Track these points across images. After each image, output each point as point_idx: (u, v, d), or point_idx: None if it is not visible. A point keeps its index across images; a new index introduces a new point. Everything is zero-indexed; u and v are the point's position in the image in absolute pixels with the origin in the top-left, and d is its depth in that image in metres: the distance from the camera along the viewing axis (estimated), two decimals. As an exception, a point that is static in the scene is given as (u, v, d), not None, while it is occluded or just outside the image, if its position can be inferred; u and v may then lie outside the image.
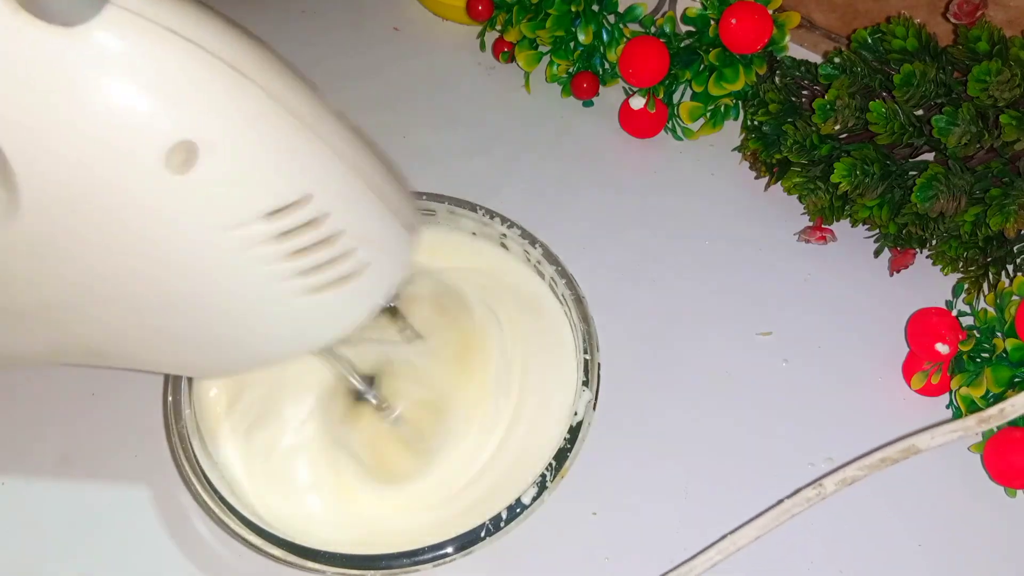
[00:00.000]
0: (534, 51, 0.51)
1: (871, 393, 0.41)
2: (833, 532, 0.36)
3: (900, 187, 0.42)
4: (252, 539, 0.31)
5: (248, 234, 0.23)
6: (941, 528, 0.37)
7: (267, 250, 0.23)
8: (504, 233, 0.39)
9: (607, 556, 0.36)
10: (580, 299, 0.37)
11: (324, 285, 0.25)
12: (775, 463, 0.38)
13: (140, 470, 0.38)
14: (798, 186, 0.43)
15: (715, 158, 0.50)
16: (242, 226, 0.22)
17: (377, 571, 0.31)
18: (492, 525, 0.32)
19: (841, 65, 0.43)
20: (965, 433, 0.32)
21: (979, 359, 0.38)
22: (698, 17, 0.47)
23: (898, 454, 0.32)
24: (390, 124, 0.52)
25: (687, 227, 0.47)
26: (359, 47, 0.56)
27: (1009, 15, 0.46)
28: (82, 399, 0.40)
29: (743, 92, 0.47)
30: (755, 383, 0.41)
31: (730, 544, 0.33)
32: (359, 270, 0.25)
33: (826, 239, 0.45)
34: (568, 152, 0.50)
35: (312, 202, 0.23)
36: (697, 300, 0.44)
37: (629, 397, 0.40)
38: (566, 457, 0.33)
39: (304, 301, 0.25)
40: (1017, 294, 0.37)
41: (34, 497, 0.37)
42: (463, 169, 0.49)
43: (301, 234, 0.23)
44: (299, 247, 0.24)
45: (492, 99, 0.53)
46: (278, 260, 0.23)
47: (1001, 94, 0.38)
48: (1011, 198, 0.38)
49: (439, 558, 0.31)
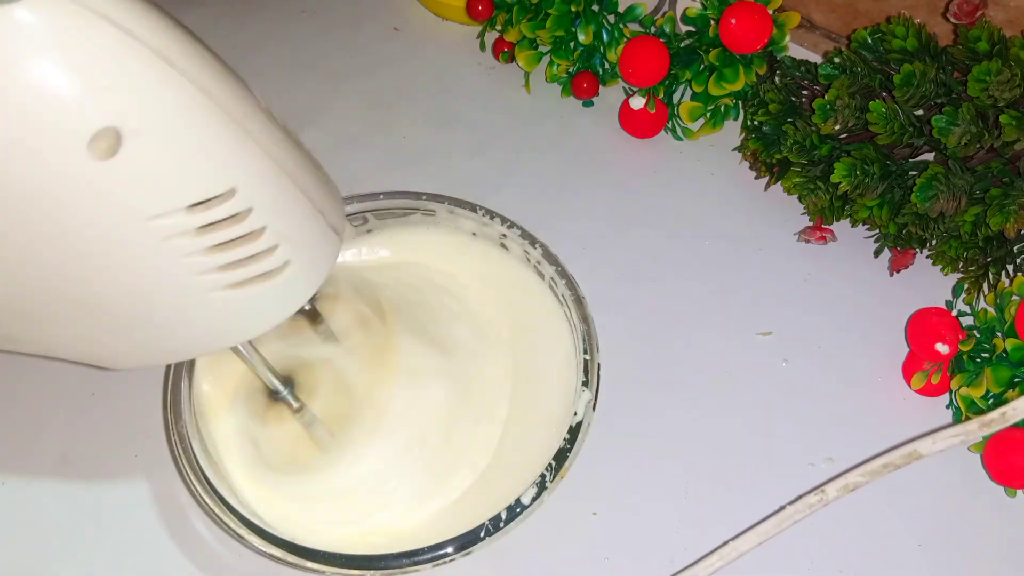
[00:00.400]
0: (534, 51, 0.51)
1: (871, 393, 0.41)
2: (833, 532, 0.36)
3: (900, 187, 0.42)
4: (252, 539, 0.31)
5: (169, 225, 0.23)
6: (941, 528, 0.37)
7: (188, 242, 0.23)
8: (504, 233, 0.39)
9: (607, 556, 0.36)
10: (580, 299, 0.37)
11: (244, 281, 0.25)
12: (775, 463, 0.38)
13: (140, 470, 0.38)
14: (798, 186, 0.43)
15: (715, 158, 0.50)
16: (164, 216, 0.22)
17: (377, 571, 0.31)
18: (492, 525, 0.32)
19: (841, 65, 0.43)
20: (967, 438, 0.32)
21: (979, 359, 0.38)
22: (698, 17, 0.47)
23: (900, 459, 0.32)
24: (390, 124, 0.52)
25: (687, 227, 0.47)
26: (359, 47, 0.56)
27: (1009, 15, 0.46)
28: (82, 399, 0.40)
29: (743, 92, 0.47)
30: (755, 383, 0.41)
31: (732, 550, 0.33)
32: (280, 267, 0.25)
33: (826, 239, 0.45)
34: (568, 152, 0.50)
35: (236, 196, 0.23)
36: (697, 300, 0.44)
37: (629, 397, 0.40)
38: (566, 457, 0.33)
39: (223, 295, 0.25)
40: (1017, 294, 0.37)
41: (34, 497, 0.37)
42: (463, 169, 0.49)
43: (223, 228, 0.23)
44: (220, 241, 0.24)
45: (492, 99, 0.53)
46: (198, 253, 0.23)
47: (1001, 94, 0.38)
48: (1011, 198, 0.38)
49: (439, 558, 0.31)
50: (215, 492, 0.32)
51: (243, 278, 0.25)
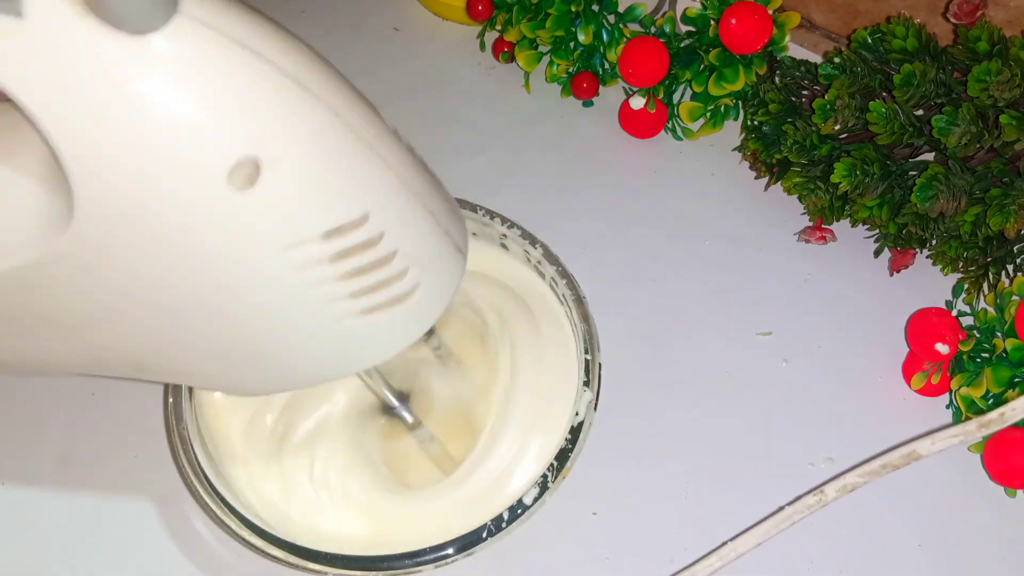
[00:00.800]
0: (534, 51, 0.51)
1: (871, 393, 0.41)
2: (833, 532, 0.36)
3: (900, 187, 0.42)
4: (253, 540, 0.31)
5: (305, 253, 0.22)
6: (941, 528, 0.37)
7: (323, 270, 0.23)
8: (504, 233, 0.39)
9: (607, 556, 0.36)
10: (580, 299, 0.37)
11: (376, 306, 0.24)
12: (775, 463, 0.38)
13: (140, 470, 0.38)
14: (798, 186, 0.43)
15: (715, 158, 0.50)
16: (300, 245, 0.22)
17: (379, 572, 0.31)
18: (494, 525, 0.32)
19: (841, 65, 0.43)
20: (966, 438, 0.32)
21: (979, 359, 0.38)
22: (698, 17, 0.47)
23: (899, 460, 0.32)
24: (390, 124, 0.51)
25: (687, 227, 0.47)
26: (359, 47, 0.56)
27: (1009, 15, 0.46)
28: (82, 399, 0.40)
29: (743, 92, 0.47)
30: (755, 383, 0.41)
31: (730, 551, 0.33)
32: (411, 291, 0.25)
33: (826, 239, 0.45)
34: (568, 152, 0.50)
35: (369, 221, 0.23)
36: (697, 300, 0.44)
37: (629, 397, 0.40)
38: (567, 457, 0.33)
39: (355, 322, 0.24)
40: (1017, 294, 0.37)
41: (34, 497, 0.37)
42: (463, 169, 0.49)
43: (356, 254, 0.23)
44: (354, 267, 0.23)
45: (492, 99, 0.53)
46: (332, 281, 0.23)
47: (1001, 94, 0.38)
48: (1011, 198, 0.38)
49: (441, 559, 0.31)
50: (215, 492, 0.32)
51: (375, 303, 0.24)
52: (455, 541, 0.31)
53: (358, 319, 0.24)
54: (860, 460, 0.34)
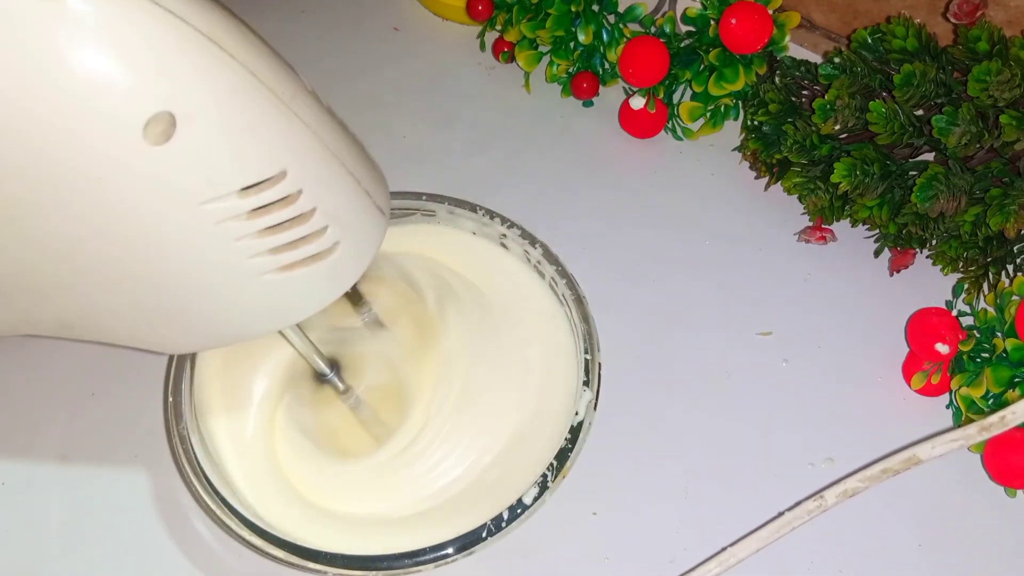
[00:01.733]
0: (534, 51, 0.51)
1: (871, 393, 0.41)
2: (833, 532, 0.36)
3: (900, 187, 0.42)
4: (253, 540, 0.31)
5: (222, 208, 0.23)
6: (941, 528, 0.37)
7: (240, 225, 0.23)
8: (504, 233, 0.39)
9: (607, 556, 0.36)
10: (580, 299, 0.37)
11: (295, 263, 0.25)
12: (775, 463, 0.38)
13: (140, 470, 0.38)
14: (798, 186, 0.43)
15: (715, 158, 0.50)
16: (217, 200, 0.22)
17: (378, 572, 0.31)
18: (494, 525, 0.32)
19: (841, 65, 0.43)
20: (967, 442, 0.32)
21: (979, 359, 0.38)
22: (698, 17, 0.47)
23: (899, 465, 0.32)
24: (390, 124, 0.52)
25: (687, 227, 0.47)
26: (359, 47, 0.56)
27: (1009, 15, 0.46)
28: (82, 399, 0.40)
29: (743, 92, 0.47)
30: (755, 383, 0.41)
31: (730, 556, 0.33)
32: (331, 248, 0.25)
33: (826, 239, 0.45)
34: (568, 152, 0.50)
35: (287, 178, 0.23)
36: (697, 300, 0.44)
37: (629, 397, 0.40)
38: (567, 457, 0.33)
39: (274, 278, 0.25)
40: (1017, 294, 0.37)
41: (34, 497, 0.37)
42: (463, 169, 0.49)
43: (274, 211, 0.23)
44: (272, 223, 0.24)
45: (492, 99, 0.53)
46: (250, 236, 0.23)
47: (1001, 94, 0.38)
48: (1011, 198, 0.38)
49: (440, 559, 0.31)
50: (216, 492, 0.32)
51: (294, 260, 0.25)
52: (455, 541, 0.31)
53: (278, 275, 0.25)
54: (860, 460, 0.34)
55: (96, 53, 0.20)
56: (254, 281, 0.25)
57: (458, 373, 0.37)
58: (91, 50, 0.20)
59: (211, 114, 0.22)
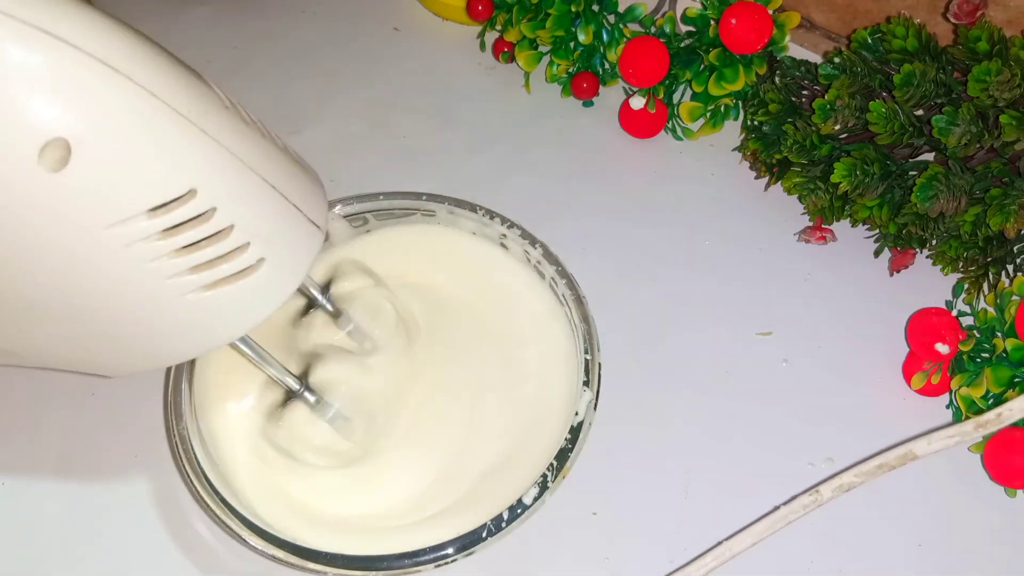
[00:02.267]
0: (534, 51, 0.51)
1: (871, 393, 0.41)
2: (833, 531, 0.36)
3: (900, 187, 0.42)
4: (253, 540, 0.31)
5: (131, 231, 0.22)
6: (941, 528, 0.37)
7: (153, 247, 0.23)
8: (504, 233, 0.39)
9: (607, 556, 0.36)
10: (580, 299, 0.37)
11: (218, 281, 0.25)
12: (775, 463, 0.38)
13: (140, 470, 0.38)
14: (798, 186, 0.43)
15: (715, 158, 0.50)
16: (124, 223, 0.22)
17: (378, 572, 0.31)
18: (493, 525, 0.32)
19: (841, 65, 0.43)
20: (963, 439, 0.32)
21: (979, 359, 0.38)
22: (698, 17, 0.47)
23: (896, 460, 0.32)
24: (390, 124, 0.52)
25: (687, 227, 0.47)
26: (359, 47, 0.56)
27: (1009, 15, 0.46)
28: (82, 399, 0.40)
29: (743, 92, 0.47)
30: (755, 383, 0.41)
31: (726, 550, 0.33)
32: (255, 265, 0.25)
33: (826, 239, 0.45)
34: (568, 152, 0.50)
35: (197, 197, 0.23)
36: (697, 300, 0.44)
37: (629, 397, 0.40)
38: (567, 457, 0.33)
39: (199, 297, 0.24)
40: (1017, 294, 0.37)
41: (34, 497, 0.37)
42: (463, 169, 0.49)
43: (188, 229, 0.23)
44: (188, 243, 0.23)
45: (492, 99, 0.53)
46: (166, 256, 0.23)
47: (1001, 94, 0.38)
48: (1011, 198, 0.38)
49: (440, 559, 0.31)
50: (216, 492, 0.32)
51: (216, 278, 0.24)
52: (455, 541, 0.31)
53: (202, 293, 0.24)
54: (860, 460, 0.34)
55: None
56: (178, 301, 0.24)
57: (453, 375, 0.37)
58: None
59: (107, 137, 0.21)
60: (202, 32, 0.56)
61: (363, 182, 0.43)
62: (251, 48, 0.56)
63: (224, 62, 0.55)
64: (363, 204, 0.40)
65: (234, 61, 0.55)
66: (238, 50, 0.55)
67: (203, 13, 0.58)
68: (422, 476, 0.35)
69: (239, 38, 0.56)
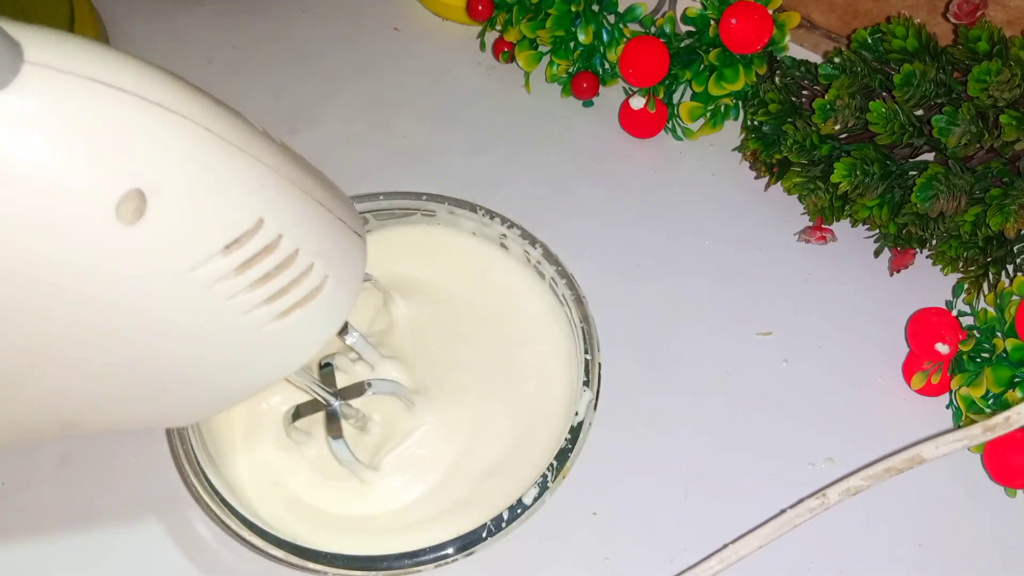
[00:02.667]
0: (534, 51, 0.51)
1: (871, 393, 0.41)
2: (833, 531, 0.36)
3: (900, 187, 0.42)
4: (253, 540, 0.31)
5: (210, 271, 0.22)
6: (941, 528, 0.37)
7: (230, 283, 0.23)
8: (504, 233, 0.39)
9: (607, 556, 0.36)
10: (580, 299, 0.37)
11: (293, 305, 0.25)
12: (775, 463, 0.38)
13: (140, 470, 0.38)
14: (798, 186, 0.43)
15: (715, 158, 0.50)
16: (203, 264, 0.22)
17: (378, 572, 0.31)
18: (493, 525, 0.32)
19: (841, 65, 0.43)
20: (971, 442, 0.32)
21: (979, 359, 0.38)
22: (698, 17, 0.47)
23: (903, 464, 0.32)
24: (390, 124, 0.52)
25: (687, 227, 0.47)
26: (359, 47, 0.56)
27: (1009, 15, 0.46)
28: (82, 399, 0.40)
29: (743, 92, 0.47)
30: (755, 383, 0.41)
31: (731, 553, 0.33)
32: (321, 284, 0.25)
33: (826, 239, 0.45)
34: (568, 152, 0.50)
35: (265, 226, 0.23)
36: (697, 300, 0.44)
37: (629, 397, 0.40)
38: (567, 457, 0.33)
39: (275, 326, 0.24)
40: (1017, 294, 0.37)
41: (34, 497, 0.37)
42: (463, 169, 0.49)
43: (260, 260, 0.23)
44: (260, 274, 0.23)
45: (492, 99, 0.53)
46: (243, 291, 0.23)
47: (1001, 94, 0.38)
48: (1011, 198, 0.38)
49: (440, 559, 0.31)
50: (216, 492, 0.32)
51: (290, 304, 0.24)
52: (455, 541, 0.31)
53: (278, 322, 0.24)
54: (860, 460, 0.34)
55: (45, 148, 0.19)
56: (256, 334, 0.24)
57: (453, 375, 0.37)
58: (39, 147, 0.19)
59: (178, 180, 0.21)
60: (202, 32, 0.56)
61: (363, 182, 0.43)
62: (251, 48, 0.56)
63: (224, 62, 0.55)
64: (363, 204, 0.40)
65: (234, 61, 0.55)
66: (238, 50, 0.55)
67: (203, 13, 0.58)
68: (422, 477, 0.35)
69: (239, 38, 0.56)
